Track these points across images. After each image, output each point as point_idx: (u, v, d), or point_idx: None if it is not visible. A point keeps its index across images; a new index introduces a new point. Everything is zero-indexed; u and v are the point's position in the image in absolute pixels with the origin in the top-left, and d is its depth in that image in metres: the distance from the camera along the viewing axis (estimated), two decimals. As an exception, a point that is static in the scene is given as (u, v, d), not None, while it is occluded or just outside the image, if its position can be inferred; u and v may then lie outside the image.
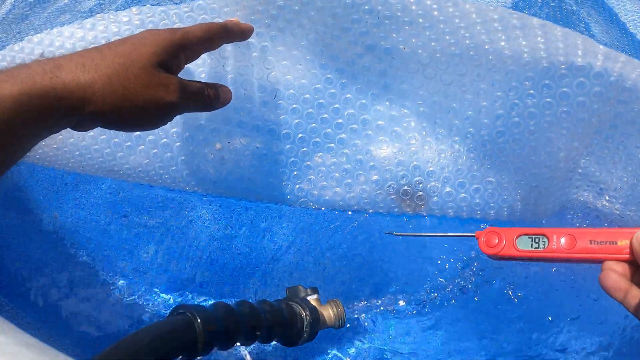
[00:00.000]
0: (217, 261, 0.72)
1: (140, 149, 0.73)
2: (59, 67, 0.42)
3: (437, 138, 0.69)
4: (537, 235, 0.48)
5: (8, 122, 0.39)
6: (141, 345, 0.40)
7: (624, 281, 0.43)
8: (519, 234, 0.48)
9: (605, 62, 0.57)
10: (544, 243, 0.47)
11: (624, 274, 0.44)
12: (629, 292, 0.42)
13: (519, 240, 0.48)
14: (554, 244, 0.47)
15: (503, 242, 0.48)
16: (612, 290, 0.43)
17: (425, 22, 0.61)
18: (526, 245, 0.48)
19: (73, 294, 0.71)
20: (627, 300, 0.42)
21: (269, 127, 0.70)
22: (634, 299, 0.42)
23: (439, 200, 0.70)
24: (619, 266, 0.44)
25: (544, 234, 0.47)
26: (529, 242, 0.48)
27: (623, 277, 0.43)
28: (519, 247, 0.48)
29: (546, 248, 0.47)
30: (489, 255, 0.49)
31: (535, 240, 0.48)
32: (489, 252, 0.49)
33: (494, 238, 0.49)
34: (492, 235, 0.49)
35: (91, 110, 0.43)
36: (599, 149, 0.66)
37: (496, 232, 0.49)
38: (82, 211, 0.77)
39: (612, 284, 0.43)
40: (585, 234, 0.45)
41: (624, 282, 0.43)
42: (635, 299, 0.42)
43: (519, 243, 0.48)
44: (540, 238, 0.47)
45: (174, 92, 0.48)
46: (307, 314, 0.55)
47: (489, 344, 0.65)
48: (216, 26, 0.54)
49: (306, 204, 0.74)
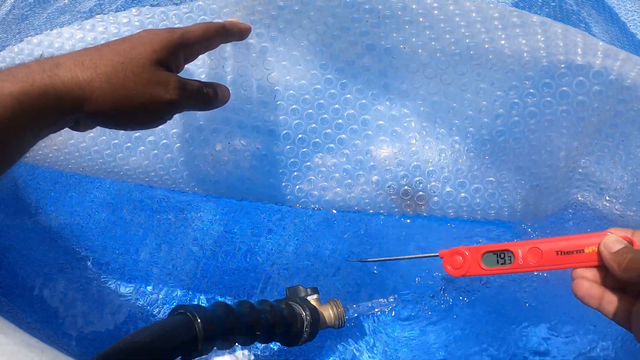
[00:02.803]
0: (217, 261, 0.72)
1: (141, 150, 0.73)
2: (57, 65, 0.42)
3: (437, 138, 0.69)
4: (502, 251, 0.47)
5: (7, 121, 0.39)
6: (141, 345, 0.40)
7: (597, 288, 0.43)
8: (484, 252, 0.47)
9: (605, 60, 0.57)
10: (509, 258, 0.46)
11: (595, 280, 0.43)
12: (603, 298, 0.42)
13: (484, 258, 0.47)
14: (519, 259, 0.46)
15: (468, 262, 0.48)
16: (586, 299, 0.43)
17: (425, 22, 0.61)
18: (492, 262, 0.47)
19: (73, 294, 0.71)
20: (603, 306, 0.42)
21: (269, 127, 0.70)
22: (609, 304, 0.42)
23: (439, 200, 0.70)
24: (589, 272, 0.44)
25: (508, 249, 0.46)
26: (494, 259, 0.47)
27: (595, 283, 0.43)
28: (484, 265, 0.47)
29: (512, 263, 0.46)
30: (455, 276, 0.48)
31: (500, 257, 0.47)
32: (455, 274, 0.48)
33: (458, 258, 0.48)
34: (455, 256, 0.48)
35: (90, 109, 0.43)
36: (599, 148, 0.66)
37: (460, 252, 0.48)
38: (82, 212, 0.77)
39: (585, 292, 0.43)
40: (551, 245, 0.45)
41: (597, 289, 0.42)
42: (611, 304, 0.42)
43: (484, 261, 0.47)
44: (505, 254, 0.47)
45: (173, 90, 0.48)
46: (307, 314, 0.55)
47: (489, 346, 0.65)
48: (215, 26, 0.54)
49: (306, 204, 0.74)
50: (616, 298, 0.42)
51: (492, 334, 0.65)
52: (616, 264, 0.41)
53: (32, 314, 0.69)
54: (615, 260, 0.41)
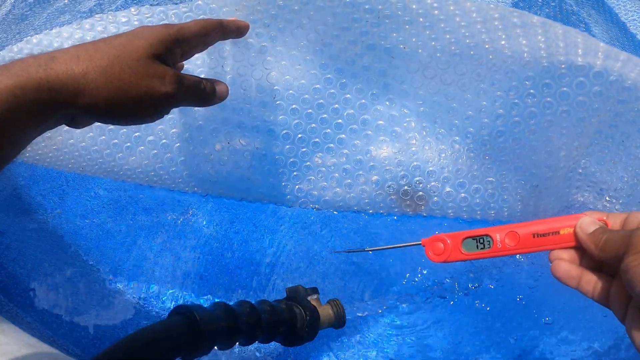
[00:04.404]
0: (217, 261, 0.72)
1: (140, 149, 0.73)
2: (53, 59, 0.42)
3: (437, 138, 0.69)
4: (481, 236, 0.48)
5: (3, 115, 0.39)
6: (141, 345, 0.40)
7: (575, 268, 0.43)
8: (464, 237, 0.49)
9: (606, 61, 0.57)
10: (488, 243, 0.48)
11: (573, 261, 0.44)
12: (581, 277, 0.43)
13: (465, 244, 0.48)
14: (498, 242, 0.47)
15: (449, 247, 0.49)
16: (565, 279, 0.43)
17: (425, 22, 0.61)
18: (472, 247, 0.48)
19: (73, 294, 0.71)
20: (582, 285, 0.43)
21: (269, 127, 0.70)
22: (588, 283, 0.42)
23: (439, 200, 0.70)
24: (566, 253, 0.44)
25: (487, 234, 0.48)
26: (474, 244, 0.48)
27: (573, 264, 0.44)
28: (464, 250, 0.48)
29: (491, 248, 0.47)
30: (436, 262, 0.50)
31: (480, 241, 0.48)
32: (436, 260, 0.49)
33: (439, 245, 0.49)
34: (437, 243, 0.49)
35: (84, 102, 0.43)
36: (599, 148, 0.65)
37: (441, 239, 0.49)
38: (82, 211, 0.77)
39: (564, 274, 0.43)
40: (528, 228, 0.46)
41: (575, 270, 0.43)
42: (590, 284, 0.42)
43: (464, 247, 0.48)
44: (484, 238, 0.48)
45: (170, 84, 0.48)
46: (307, 313, 0.55)
47: (490, 345, 0.65)
48: (212, 22, 0.54)
49: (306, 204, 0.74)
50: (594, 277, 0.42)
51: (492, 334, 0.65)
52: (593, 244, 0.41)
53: (32, 314, 0.69)
54: (592, 240, 0.42)
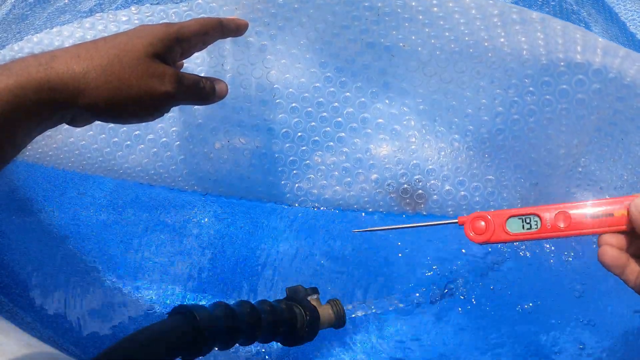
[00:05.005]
0: (217, 260, 0.72)
1: (140, 148, 0.73)
2: (53, 58, 0.42)
3: (436, 136, 0.69)
4: (528, 215, 0.44)
5: (4, 114, 0.39)
6: (141, 345, 0.40)
7: (623, 255, 0.42)
8: (508, 216, 0.45)
9: (605, 58, 0.57)
10: (536, 223, 0.44)
11: (621, 247, 0.42)
12: (627, 266, 0.42)
13: (509, 223, 0.45)
14: (547, 222, 0.44)
15: (492, 226, 0.45)
16: (611, 267, 0.42)
17: (425, 19, 0.61)
18: (517, 227, 0.44)
19: (73, 294, 0.71)
20: (626, 274, 0.42)
21: (268, 126, 0.70)
22: (632, 273, 0.42)
23: (438, 198, 0.70)
24: (615, 239, 0.43)
25: (535, 214, 0.44)
26: (519, 224, 0.45)
27: (621, 251, 0.42)
28: (509, 230, 0.44)
29: (539, 228, 0.44)
30: (478, 242, 0.46)
31: (526, 221, 0.44)
32: (478, 240, 0.45)
33: (481, 223, 0.45)
34: (478, 221, 0.45)
35: (85, 101, 0.43)
36: (599, 146, 0.65)
37: (482, 217, 0.45)
38: (82, 210, 0.77)
39: (611, 260, 0.42)
40: (580, 209, 0.43)
41: (623, 257, 0.42)
42: (634, 273, 0.41)
43: (509, 226, 0.45)
44: (531, 218, 0.44)
45: (170, 83, 0.48)
46: (307, 313, 0.55)
47: (491, 345, 0.65)
48: (211, 21, 0.54)
49: (306, 203, 0.74)
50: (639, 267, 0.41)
51: (493, 334, 0.65)
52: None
53: (32, 314, 0.69)
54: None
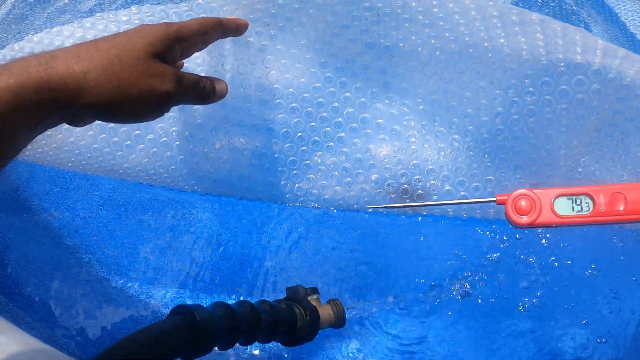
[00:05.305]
0: (217, 260, 0.72)
1: (140, 148, 0.73)
2: (54, 58, 0.42)
3: (436, 136, 0.69)
4: (579, 195, 0.40)
5: (4, 114, 0.39)
6: (141, 345, 0.40)
7: None
8: (557, 195, 0.40)
9: (604, 58, 0.57)
10: (587, 205, 0.39)
11: None
12: None
13: (557, 203, 0.40)
14: (600, 205, 0.39)
15: (538, 207, 0.40)
16: None
17: (425, 19, 0.61)
18: (567, 209, 0.40)
19: (73, 294, 0.71)
20: None
21: (268, 126, 0.70)
22: None
23: (438, 199, 0.70)
24: None
25: (587, 194, 0.40)
26: (569, 205, 0.40)
27: None
28: (558, 212, 0.40)
29: (592, 211, 0.39)
30: (519, 225, 0.39)
31: (577, 202, 0.40)
32: (522, 223, 0.40)
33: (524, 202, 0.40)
34: (521, 199, 0.40)
35: (85, 100, 0.43)
36: (599, 147, 0.65)
37: (526, 195, 0.40)
38: (82, 210, 0.77)
39: None
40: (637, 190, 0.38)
41: None
42: None
43: (557, 207, 0.40)
44: (582, 199, 0.40)
45: (170, 82, 0.48)
46: (307, 313, 0.55)
47: (492, 346, 0.65)
48: (211, 20, 0.54)
49: (305, 203, 0.74)
50: None
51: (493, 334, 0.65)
52: None
53: (32, 314, 0.70)
54: None
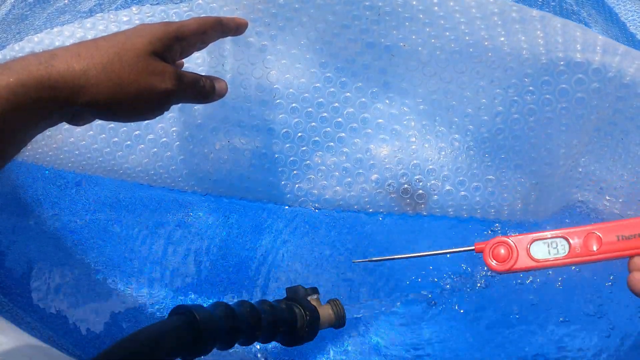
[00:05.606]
0: (217, 261, 0.72)
1: (140, 148, 0.73)
2: (54, 57, 0.42)
3: (437, 136, 0.69)
4: (554, 239, 0.40)
5: (4, 113, 0.39)
6: (141, 345, 0.40)
7: None
8: (532, 240, 0.40)
9: (604, 56, 0.57)
10: (563, 247, 0.39)
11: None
12: None
13: (534, 247, 0.40)
14: (576, 247, 0.39)
15: (515, 253, 0.40)
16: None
17: (425, 18, 0.61)
18: (543, 253, 0.40)
19: (73, 294, 0.71)
20: None
21: (269, 126, 0.70)
22: None
23: (439, 198, 0.70)
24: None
25: (562, 237, 0.40)
26: (545, 249, 0.40)
27: None
28: (535, 256, 0.40)
29: (568, 253, 0.39)
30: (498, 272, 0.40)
31: (552, 246, 0.40)
32: (500, 269, 0.40)
33: (502, 249, 0.40)
34: (498, 247, 0.40)
35: (85, 99, 0.43)
36: (599, 146, 0.65)
37: (503, 242, 0.41)
38: (82, 211, 0.77)
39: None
40: (611, 230, 0.38)
41: None
42: None
43: (533, 251, 0.40)
44: (557, 242, 0.40)
45: (169, 81, 0.48)
46: (307, 313, 0.55)
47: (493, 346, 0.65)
48: (211, 20, 0.54)
49: (306, 203, 0.74)
50: None
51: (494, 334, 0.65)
52: None
53: (32, 314, 0.70)
54: None
